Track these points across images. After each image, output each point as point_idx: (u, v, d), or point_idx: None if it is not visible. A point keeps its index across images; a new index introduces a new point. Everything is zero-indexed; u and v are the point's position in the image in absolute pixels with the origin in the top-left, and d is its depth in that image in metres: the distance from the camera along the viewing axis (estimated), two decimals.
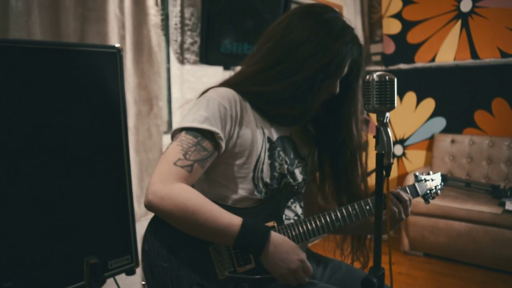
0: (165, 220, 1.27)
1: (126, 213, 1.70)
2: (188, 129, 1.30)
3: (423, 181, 1.64)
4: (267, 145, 1.42)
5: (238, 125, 1.36)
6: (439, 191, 1.67)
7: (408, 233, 4.02)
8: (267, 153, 1.41)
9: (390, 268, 1.15)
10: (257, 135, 1.39)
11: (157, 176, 1.25)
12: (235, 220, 1.25)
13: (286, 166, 1.45)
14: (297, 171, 1.51)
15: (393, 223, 1.50)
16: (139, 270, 1.76)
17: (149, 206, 1.23)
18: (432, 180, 1.66)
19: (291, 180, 1.47)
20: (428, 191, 1.64)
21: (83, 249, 1.58)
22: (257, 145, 1.39)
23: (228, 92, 1.38)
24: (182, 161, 1.26)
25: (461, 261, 3.80)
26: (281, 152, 1.45)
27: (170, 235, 1.30)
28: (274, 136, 1.45)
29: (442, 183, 1.70)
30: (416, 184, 1.62)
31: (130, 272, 1.73)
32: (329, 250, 1.73)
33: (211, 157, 1.32)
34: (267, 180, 1.41)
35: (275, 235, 1.28)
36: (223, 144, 1.32)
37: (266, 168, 1.40)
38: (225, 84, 1.44)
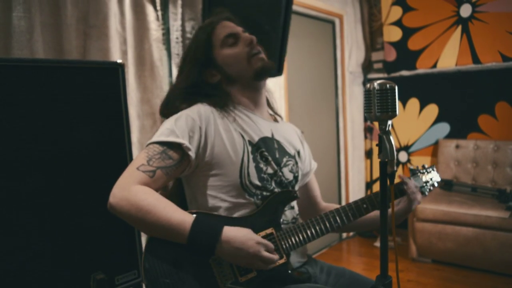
0: (126, 221, 1.29)
1: (132, 228, 1.71)
2: (155, 142, 1.35)
3: (418, 174, 1.66)
4: (249, 149, 1.44)
5: (210, 135, 1.40)
6: (435, 183, 1.68)
7: (415, 239, 4.00)
8: (250, 157, 1.44)
9: (397, 275, 1.15)
10: (236, 142, 1.43)
11: (119, 180, 1.29)
12: (187, 218, 1.26)
13: (273, 165, 1.48)
14: (286, 170, 1.53)
15: (402, 216, 1.56)
16: None
17: (110, 208, 1.27)
18: (428, 172, 1.68)
19: (282, 178, 1.49)
20: (424, 184, 1.64)
21: (90, 264, 1.58)
22: (237, 151, 1.42)
23: (199, 106, 1.44)
24: (144, 167, 1.30)
25: (469, 267, 3.77)
26: (265, 153, 1.47)
27: (169, 251, 1.30)
28: (255, 138, 1.47)
29: (438, 174, 1.71)
30: (412, 178, 1.63)
31: (137, 287, 1.73)
32: (338, 259, 1.73)
33: (177, 165, 1.35)
34: (257, 182, 1.43)
35: (227, 228, 1.28)
36: (192, 154, 1.35)
37: (252, 171, 1.43)
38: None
